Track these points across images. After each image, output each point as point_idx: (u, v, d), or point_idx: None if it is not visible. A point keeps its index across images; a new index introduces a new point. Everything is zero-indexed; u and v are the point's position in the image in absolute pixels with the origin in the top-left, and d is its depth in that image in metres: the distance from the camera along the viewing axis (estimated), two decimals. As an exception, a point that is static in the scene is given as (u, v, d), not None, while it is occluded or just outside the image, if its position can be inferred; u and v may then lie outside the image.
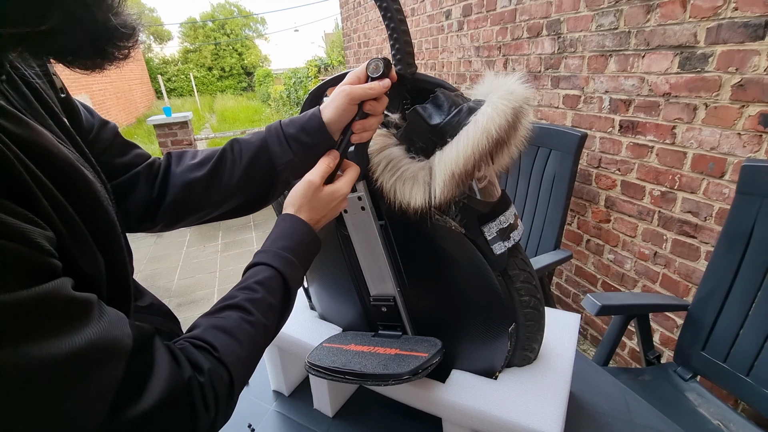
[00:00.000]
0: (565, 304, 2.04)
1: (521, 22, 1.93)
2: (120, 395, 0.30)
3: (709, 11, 1.17)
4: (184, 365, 0.35)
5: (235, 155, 0.56)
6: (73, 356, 0.27)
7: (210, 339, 0.39)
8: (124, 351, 0.31)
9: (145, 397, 0.31)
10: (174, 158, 0.58)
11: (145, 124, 9.25)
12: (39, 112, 0.39)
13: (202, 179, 0.56)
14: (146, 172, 0.56)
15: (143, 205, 0.55)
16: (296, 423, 0.76)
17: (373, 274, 0.64)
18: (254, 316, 0.43)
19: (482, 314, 0.60)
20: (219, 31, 22.14)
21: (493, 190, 0.57)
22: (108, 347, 0.30)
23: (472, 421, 0.58)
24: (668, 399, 1.07)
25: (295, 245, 0.49)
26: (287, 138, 0.54)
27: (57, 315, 0.27)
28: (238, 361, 0.40)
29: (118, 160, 0.54)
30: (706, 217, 1.29)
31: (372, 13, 3.99)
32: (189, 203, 0.57)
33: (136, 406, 0.30)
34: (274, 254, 0.48)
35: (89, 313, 0.30)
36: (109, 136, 0.54)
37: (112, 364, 0.30)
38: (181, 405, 0.34)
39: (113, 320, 0.32)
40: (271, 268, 0.47)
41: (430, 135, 0.53)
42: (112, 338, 0.30)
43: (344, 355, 0.62)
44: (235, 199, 0.57)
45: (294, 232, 0.50)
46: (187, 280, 2.82)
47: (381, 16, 0.52)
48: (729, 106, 1.17)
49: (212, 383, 0.36)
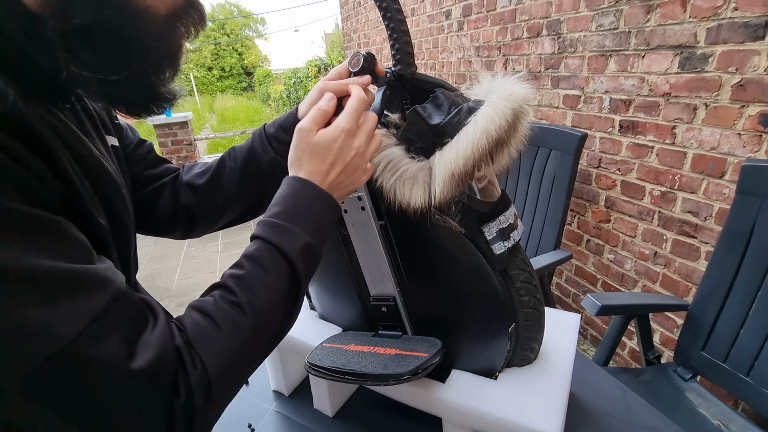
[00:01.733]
0: (565, 304, 2.04)
1: (521, 22, 1.93)
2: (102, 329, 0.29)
3: (709, 11, 1.17)
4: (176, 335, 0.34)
5: (231, 161, 0.60)
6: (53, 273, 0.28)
7: (184, 319, 0.35)
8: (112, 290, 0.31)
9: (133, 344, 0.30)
10: (185, 168, 0.66)
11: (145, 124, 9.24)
12: (88, 132, 0.45)
13: (205, 185, 0.61)
14: (171, 183, 0.63)
15: (166, 212, 0.61)
16: (296, 423, 0.76)
17: (373, 274, 0.64)
18: (235, 294, 0.36)
19: (482, 314, 0.60)
20: (219, 31, 22.15)
21: (493, 190, 0.57)
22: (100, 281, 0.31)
23: (472, 421, 0.58)
24: (668, 399, 1.07)
25: (289, 207, 0.42)
26: (268, 138, 0.57)
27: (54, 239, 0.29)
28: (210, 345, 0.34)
29: (149, 172, 0.62)
30: (706, 217, 1.29)
31: (372, 13, 3.99)
32: (197, 208, 0.62)
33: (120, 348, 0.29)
34: (265, 224, 0.41)
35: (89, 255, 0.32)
36: (143, 152, 0.62)
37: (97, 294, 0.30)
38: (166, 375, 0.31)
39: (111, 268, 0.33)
40: (260, 240, 0.40)
41: (430, 135, 0.53)
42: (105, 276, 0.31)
43: (344, 355, 0.62)
44: (237, 204, 0.61)
45: (287, 192, 0.43)
46: (187, 280, 2.82)
47: (381, 16, 0.52)
48: (729, 106, 1.17)
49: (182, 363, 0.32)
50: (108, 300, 0.30)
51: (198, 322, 0.35)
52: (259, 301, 0.37)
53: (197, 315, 0.35)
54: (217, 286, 0.38)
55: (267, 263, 0.39)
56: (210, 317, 0.35)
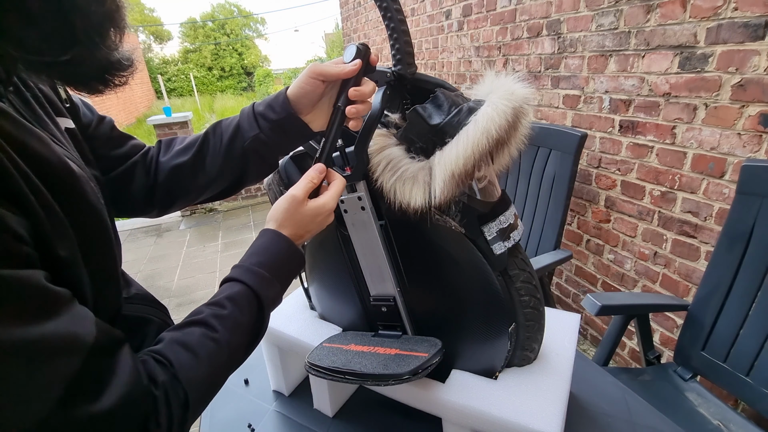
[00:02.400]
0: (565, 304, 2.04)
1: (521, 22, 1.93)
2: (74, 391, 0.30)
3: (709, 11, 1.17)
4: (142, 376, 0.35)
5: (216, 138, 0.58)
6: (27, 343, 0.27)
7: (168, 354, 0.39)
8: (82, 347, 0.31)
9: (101, 400, 0.31)
10: (164, 145, 0.62)
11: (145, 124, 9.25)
12: (41, 117, 0.42)
13: (188, 163, 0.59)
14: (142, 161, 0.60)
15: (142, 191, 0.59)
16: (296, 423, 0.76)
17: (373, 274, 0.64)
18: (218, 332, 0.41)
19: (482, 314, 0.60)
20: (219, 31, 22.14)
21: (493, 190, 0.57)
22: (66, 341, 0.30)
23: (472, 421, 0.58)
24: (668, 399, 1.07)
25: (272, 261, 0.48)
26: (255, 115, 0.56)
27: (22, 301, 0.28)
28: (195, 379, 0.38)
29: (115, 152, 0.58)
30: (706, 217, 1.29)
31: (372, 13, 3.99)
32: (178, 187, 0.60)
33: (90, 405, 0.30)
34: (247, 270, 0.47)
35: (56, 305, 0.31)
36: (106, 130, 0.58)
37: (68, 357, 0.30)
38: (133, 417, 0.33)
39: (78, 316, 0.32)
40: (242, 284, 0.45)
41: (430, 135, 0.53)
42: (72, 333, 0.31)
43: (344, 355, 0.62)
44: (220, 181, 0.59)
45: (271, 247, 0.49)
46: (187, 280, 2.82)
47: (381, 16, 0.52)
48: (729, 106, 1.17)
49: (167, 398, 0.36)
50: (80, 361, 0.30)
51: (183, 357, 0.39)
52: (236, 340, 0.43)
53: (182, 350, 0.39)
54: (199, 323, 0.42)
55: (245, 307, 0.45)
56: (194, 353, 0.40)
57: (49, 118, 0.44)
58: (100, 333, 0.33)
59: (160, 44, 23.56)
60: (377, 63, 0.53)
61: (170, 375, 0.37)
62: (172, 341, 0.40)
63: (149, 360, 0.38)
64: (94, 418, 0.30)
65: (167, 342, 0.40)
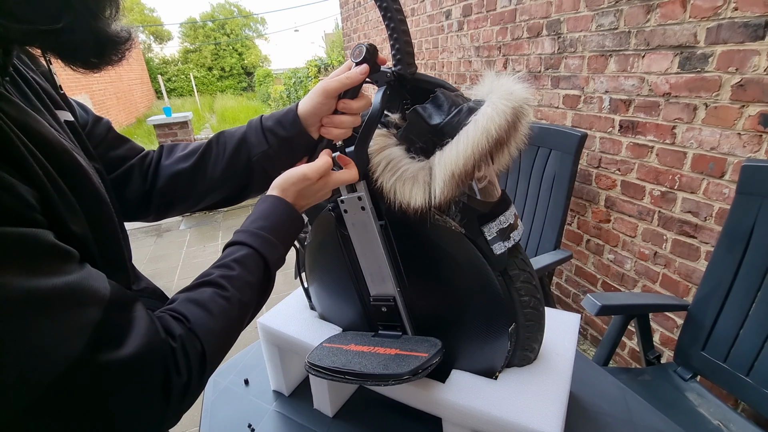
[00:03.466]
0: (565, 304, 2.04)
1: (521, 22, 1.93)
2: (97, 338, 0.31)
3: (709, 11, 1.17)
4: (159, 330, 0.36)
5: (219, 147, 0.58)
6: (48, 292, 0.28)
7: (183, 310, 0.40)
8: (101, 299, 0.32)
9: (123, 347, 0.32)
10: (165, 150, 0.62)
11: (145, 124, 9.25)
12: (39, 109, 0.42)
13: (188, 170, 0.59)
14: (139, 164, 0.60)
15: (137, 195, 0.59)
16: (296, 423, 0.76)
17: (373, 274, 0.64)
18: (229, 291, 0.43)
19: (482, 314, 0.60)
20: (219, 31, 22.13)
21: (493, 190, 0.57)
22: (85, 292, 0.31)
23: (472, 421, 0.58)
24: (668, 399, 1.07)
25: (275, 225, 0.49)
26: (264, 130, 0.57)
27: (38, 255, 0.29)
28: (210, 333, 0.40)
29: (112, 153, 0.58)
30: (706, 217, 1.29)
31: (372, 13, 3.99)
32: (176, 193, 0.60)
33: (113, 352, 0.31)
34: (252, 234, 0.48)
35: (69, 261, 0.32)
36: (102, 131, 0.58)
37: (88, 307, 0.31)
38: (155, 364, 0.34)
39: (93, 273, 0.33)
40: (248, 248, 0.47)
41: (430, 135, 0.53)
42: (90, 286, 0.32)
43: (344, 355, 0.62)
44: (219, 191, 0.60)
45: (274, 211, 0.50)
46: (187, 280, 2.79)
47: (381, 16, 0.52)
48: (729, 106, 1.17)
49: (184, 349, 0.37)
50: (100, 311, 0.32)
51: (197, 313, 0.41)
52: (246, 297, 0.45)
53: (196, 308, 0.41)
54: (210, 283, 0.44)
55: (252, 268, 0.46)
56: (207, 310, 0.41)
57: (47, 110, 0.44)
58: (115, 289, 0.34)
59: (160, 44, 23.55)
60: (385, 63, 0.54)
61: (186, 329, 0.39)
62: (186, 299, 0.42)
63: (165, 316, 0.39)
64: (119, 363, 0.31)
65: (181, 300, 0.42)
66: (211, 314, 0.41)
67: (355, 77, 0.52)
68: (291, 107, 0.57)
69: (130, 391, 0.33)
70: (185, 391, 0.37)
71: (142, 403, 0.34)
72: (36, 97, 0.43)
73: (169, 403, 0.35)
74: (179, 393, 0.36)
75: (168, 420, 0.37)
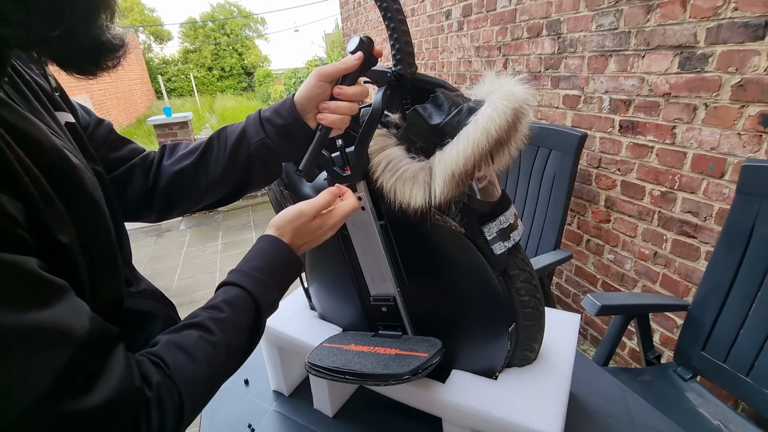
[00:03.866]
0: (565, 304, 2.04)
1: (521, 22, 1.93)
2: (62, 384, 0.29)
3: (709, 11, 1.17)
4: (135, 377, 0.35)
5: (220, 144, 0.58)
6: (16, 331, 0.27)
7: (164, 355, 0.38)
8: (74, 341, 0.31)
9: (91, 395, 0.30)
10: (168, 150, 0.62)
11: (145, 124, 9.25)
12: (38, 110, 0.42)
13: (190, 168, 0.59)
14: (141, 164, 0.60)
15: (139, 195, 0.59)
16: (296, 423, 0.76)
17: (373, 274, 0.64)
18: (215, 335, 0.41)
19: (482, 314, 0.60)
20: (219, 31, 22.13)
21: (493, 190, 0.57)
22: (56, 333, 0.30)
23: (472, 421, 0.58)
24: (668, 399, 1.07)
25: (270, 266, 0.48)
26: (261, 120, 0.56)
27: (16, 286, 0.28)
28: (191, 381, 0.38)
29: (113, 155, 0.58)
30: (706, 217, 1.29)
31: (372, 13, 3.99)
32: (179, 191, 0.60)
33: (79, 399, 0.30)
34: (245, 274, 0.46)
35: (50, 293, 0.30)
36: (104, 132, 0.58)
37: (56, 349, 0.29)
38: (124, 416, 0.32)
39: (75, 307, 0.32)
40: (240, 288, 0.45)
41: (430, 135, 0.53)
42: (64, 325, 0.30)
43: (344, 355, 0.62)
44: (221, 188, 0.59)
45: (270, 252, 0.49)
46: (187, 280, 2.82)
47: (381, 16, 0.52)
48: (729, 106, 1.17)
49: (160, 400, 0.35)
50: (70, 353, 0.30)
51: (180, 360, 0.38)
52: (234, 342, 0.43)
53: (179, 352, 0.39)
54: (196, 325, 0.42)
55: (243, 310, 0.44)
56: (190, 355, 0.39)
57: (47, 112, 0.43)
58: (94, 327, 0.33)
59: (160, 44, 23.54)
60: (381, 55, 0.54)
61: (165, 376, 0.37)
62: (169, 343, 0.40)
63: (144, 360, 0.37)
64: (81, 413, 0.29)
65: (163, 344, 0.40)
66: (195, 360, 0.39)
67: (349, 62, 0.52)
68: (288, 96, 0.57)
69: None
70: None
71: None
72: (36, 98, 0.43)
73: None
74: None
75: None
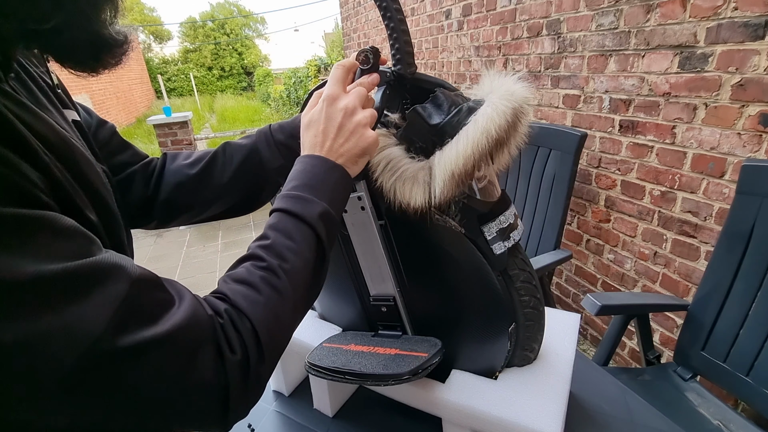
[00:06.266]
0: (565, 304, 2.04)
1: (521, 21, 1.93)
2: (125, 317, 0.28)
3: (709, 11, 1.17)
4: (205, 305, 0.34)
5: (226, 158, 0.58)
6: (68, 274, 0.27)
7: (222, 289, 0.37)
8: (128, 275, 0.30)
9: (160, 323, 0.30)
10: (169, 158, 0.61)
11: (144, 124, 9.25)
12: (46, 107, 0.41)
13: (193, 178, 0.58)
14: (142, 171, 0.59)
15: (139, 202, 0.58)
16: (296, 423, 0.76)
17: (373, 274, 0.64)
18: (266, 261, 0.38)
19: (482, 314, 0.60)
20: (219, 30, 22.12)
21: (493, 189, 0.57)
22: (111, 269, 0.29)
23: (472, 421, 0.58)
24: (668, 399, 1.07)
25: (302, 181, 0.44)
26: (277, 144, 0.56)
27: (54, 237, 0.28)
28: (255, 305, 0.36)
29: (115, 159, 0.57)
30: (706, 217, 1.29)
31: (372, 13, 3.99)
32: (180, 202, 0.59)
33: (149, 329, 0.29)
34: (283, 197, 0.43)
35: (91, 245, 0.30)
36: (106, 135, 0.57)
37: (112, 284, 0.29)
38: (204, 339, 0.31)
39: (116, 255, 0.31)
40: (279, 212, 0.42)
41: (430, 135, 0.53)
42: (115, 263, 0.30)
43: (344, 355, 0.62)
44: (225, 200, 0.59)
45: (298, 168, 0.45)
46: (187, 280, 2.82)
47: (381, 15, 0.52)
48: (729, 105, 1.17)
49: (233, 323, 0.34)
50: (126, 286, 0.29)
51: (237, 289, 0.36)
52: (289, 264, 0.39)
53: (234, 284, 0.37)
54: (246, 257, 0.39)
55: (291, 230, 0.41)
56: (247, 283, 0.37)
57: (54, 108, 0.43)
58: (145, 270, 0.32)
59: (160, 44, 23.54)
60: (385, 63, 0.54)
61: (229, 304, 0.35)
62: (225, 278, 0.38)
63: (208, 297, 0.36)
64: (156, 342, 0.29)
65: (221, 281, 0.38)
66: (252, 287, 0.37)
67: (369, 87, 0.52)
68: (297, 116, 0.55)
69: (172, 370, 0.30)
70: (245, 373, 0.33)
71: (193, 387, 0.31)
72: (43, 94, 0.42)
73: (229, 389, 0.32)
74: (238, 375, 0.33)
75: (234, 411, 0.33)
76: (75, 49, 0.37)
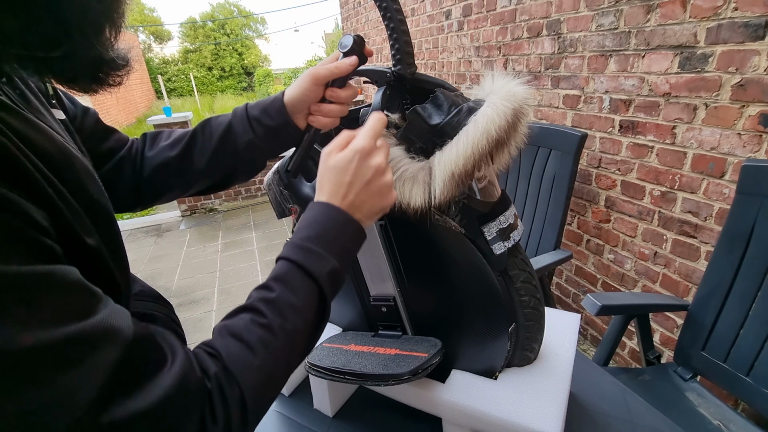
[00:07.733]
0: (565, 304, 2.04)
1: (521, 22, 1.93)
2: (113, 388, 0.27)
3: (709, 11, 1.17)
4: (196, 368, 0.32)
5: (205, 136, 0.57)
6: (66, 341, 0.26)
7: (216, 344, 0.35)
8: (122, 340, 0.29)
9: (150, 389, 0.28)
10: (149, 139, 0.61)
11: (145, 124, 9.25)
12: (37, 109, 0.40)
13: (174, 160, 0.57)
14: (128, 156, 0.59)
15: (128, 187, 0.58)
16: (296, 423, 0.76)
17: (373, 274, 0.64)
18: (267, 317, 0.37)
19: (482, 314, 0.60)
20: (219, 31, 22.13)
21: (493, 190, 0.57)
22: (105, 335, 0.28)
23: (472, 421, 0.58)
24: (668, 399, 1.07)
25: (316, 233, 0.42)
26: (250, 119, 0.55)
27: (56, 296, 0.27)
28: (247, 369, 0.35)
29: (102, 146, 0.57)
30: (706, 217, 1.29)
31: (372, 13, 3.99)
32: (163, 182, 0.59)
33: (132, 401, 0.28)
34: (294, 245, 0.41)
35: (96, 301, 0.29)
36: (91, 123, 0.57)
37: (104, 350, 0.27)
38: (190, 406, 0.30)
39: (116, 311, 0.30)
40: (288, 262, 0.40)
41: (430, 135, 0.53)
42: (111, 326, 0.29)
43: (344, 355, 0.62)
44: (204, 179, 0.59)
45: (313, 217, 0.43)
46: (187, 280, 2.82)
47: (381, 16, 0.52)
48: (729, 106, 1.17)
49: (221, 391, 0.33)
50: (120, 352, 0.28)
51: (232, 347, 0.35)
52: (290, 324, 0.38)
53: (231, 339, 0.36)
54: (247, 308, 0.38)
55: (297, 286, 0.39)
56: (243, 341, 0.35)
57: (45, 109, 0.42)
58: (139, 327, 0.31)
59: (160, 44, 23.56)
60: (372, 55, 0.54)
61: (221, 366, 0.34)
62: (222, 330, 0.37)
63: (200, 353, 0.35)
64: (137, 415, 0.27)
65: (217, 331, 0.37)
66: (248, 347, 0.35)
67: (344, 67, 0.52)
68: (277, 95, 0.55)
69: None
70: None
71: None
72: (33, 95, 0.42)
73: None
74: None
75: None
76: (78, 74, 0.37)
